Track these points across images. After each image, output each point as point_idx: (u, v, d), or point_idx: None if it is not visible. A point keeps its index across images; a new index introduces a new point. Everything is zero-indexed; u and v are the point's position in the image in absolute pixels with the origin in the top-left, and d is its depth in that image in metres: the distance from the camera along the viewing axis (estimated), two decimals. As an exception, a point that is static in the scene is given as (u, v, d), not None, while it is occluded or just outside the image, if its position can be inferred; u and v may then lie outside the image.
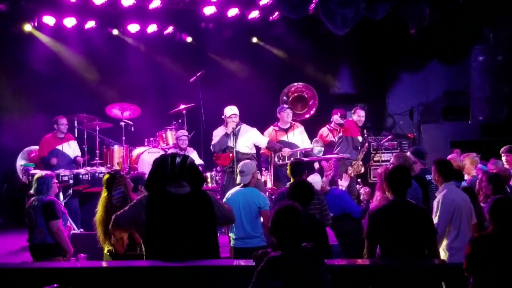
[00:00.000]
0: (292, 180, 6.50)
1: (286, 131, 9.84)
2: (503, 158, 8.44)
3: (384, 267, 4.69)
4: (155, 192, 4.55)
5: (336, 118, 10.30)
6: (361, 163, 9.91)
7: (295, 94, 11.13)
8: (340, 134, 10.29)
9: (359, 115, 10.18)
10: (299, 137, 9.91)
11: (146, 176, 6.65)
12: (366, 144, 10.14)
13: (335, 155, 9.78)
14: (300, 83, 11.09)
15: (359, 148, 10.02)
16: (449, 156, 8.56)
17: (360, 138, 10.17)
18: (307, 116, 11.34)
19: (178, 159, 4.56)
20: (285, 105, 10.07)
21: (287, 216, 3.96)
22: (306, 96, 11.16)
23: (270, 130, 9.92)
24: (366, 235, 5.01)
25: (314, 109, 11.22)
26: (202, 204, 4.56)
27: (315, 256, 3.90)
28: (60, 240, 6.67)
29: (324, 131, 10.71)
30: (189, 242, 4.45)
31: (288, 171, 6.80)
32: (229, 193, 6.83)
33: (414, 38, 12.14)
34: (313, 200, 5.85)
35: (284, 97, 10.93)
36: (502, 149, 8.57)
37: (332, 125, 10.64)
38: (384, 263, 4.82)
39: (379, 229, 4.91)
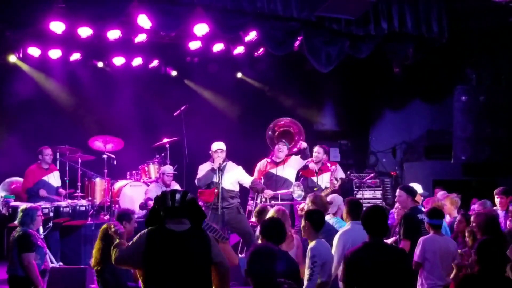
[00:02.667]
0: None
1: (277, 164, 9.79)
2: (497, 200, 8.38)
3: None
4: (155, 228, 4.50)
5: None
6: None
7: (281, 129, 11.07)
8: (300, 173, 10.21)
9: (317, 152, 10.09)
10: (289, 171, 9.81)
11: (131, 212, 6.69)
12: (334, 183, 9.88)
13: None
14: (287, 118, 10.96)
15: (314, 188, 9.87)
16: (429, 197, 8.60)
17: (314, 179, 9.98)
18: (294, 150, 11.26)
19: (177, 195, 4.53)
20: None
21: (262, 258, 3.89)
22: (292, 131, 11.08)
23: (263, 161, 9.88)
24: (342, 278, 4.93)
25: (299, 145, 11.12)
26: (198, 242, 4.50)
27: None
28: (31, 273, 6.60)
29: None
30: (185, 279, 4.37)
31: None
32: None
33: (397, 77, 12.24)
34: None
35: (270, 132, 10.83)
36: (496, 190, 8.50)
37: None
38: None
39: (355, 272, 4.80)
